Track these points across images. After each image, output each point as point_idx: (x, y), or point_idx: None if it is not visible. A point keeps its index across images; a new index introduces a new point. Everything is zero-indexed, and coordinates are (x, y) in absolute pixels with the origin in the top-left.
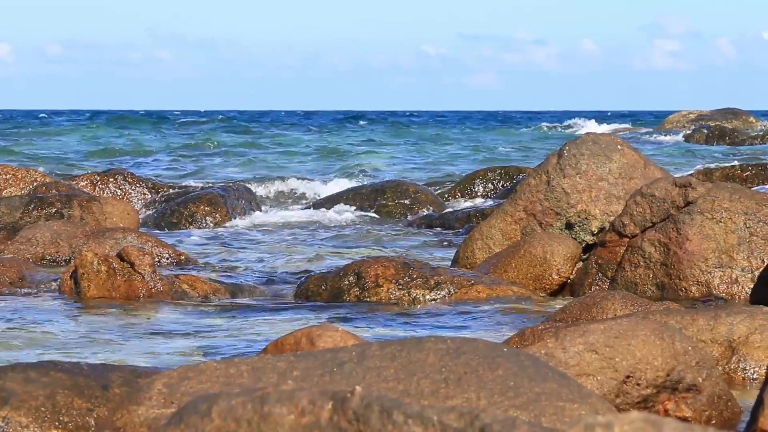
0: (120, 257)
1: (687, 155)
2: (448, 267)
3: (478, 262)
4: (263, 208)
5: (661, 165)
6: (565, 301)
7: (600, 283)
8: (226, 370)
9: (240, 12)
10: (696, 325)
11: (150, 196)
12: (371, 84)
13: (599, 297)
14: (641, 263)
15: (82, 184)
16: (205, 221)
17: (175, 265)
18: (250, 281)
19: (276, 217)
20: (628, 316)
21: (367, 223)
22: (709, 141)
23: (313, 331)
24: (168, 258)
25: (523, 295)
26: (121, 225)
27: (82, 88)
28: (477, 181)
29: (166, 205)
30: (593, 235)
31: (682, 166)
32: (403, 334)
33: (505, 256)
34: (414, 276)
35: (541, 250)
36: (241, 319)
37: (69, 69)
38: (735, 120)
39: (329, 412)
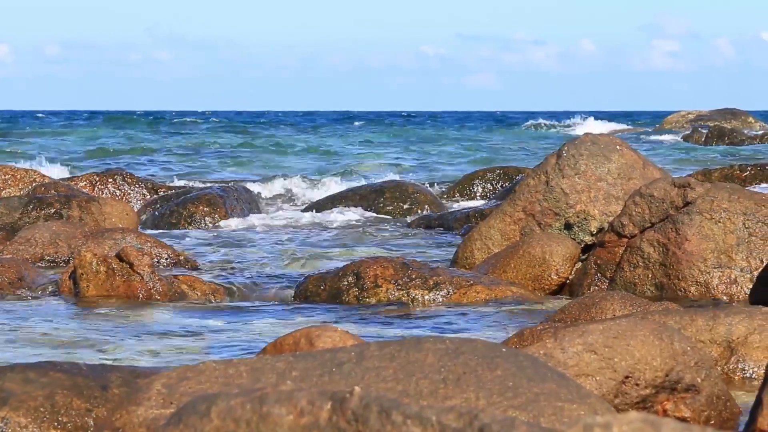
0: (119, 258)
1: (686, 155)
2: (447, 267)
3: (477, 262)
4: (262, 209)
5: (660, 165)
6: (563, 301)
7: (599, 283)
8: (225, 371)
9: (239, 12)
10: (695, 325)
11: (149, 196)
12: (370, 84)
13: (598, 297)
14: (640, 263)
15: (81, 184)
16: (204, 221)
17: (174, 266)
18: (249, 282)
19: (275, 217)
20: (627, 316)
21: (366, 224)
22: (708, 141)
23: (312, 331)
24: (167, 258)
25: (522, 295)
26: (120, 225)
27: (82, 88)
28: (476, 182)
29: (165, 206)
30: (592, 235)
31: (681, 167)
32: (401, 335)
33: (504, 256)
34: (413, 276)
35: (540, 250)
36: (239, 319)
37: (68, 69)
38: (734, 120)
39: (328, 412)
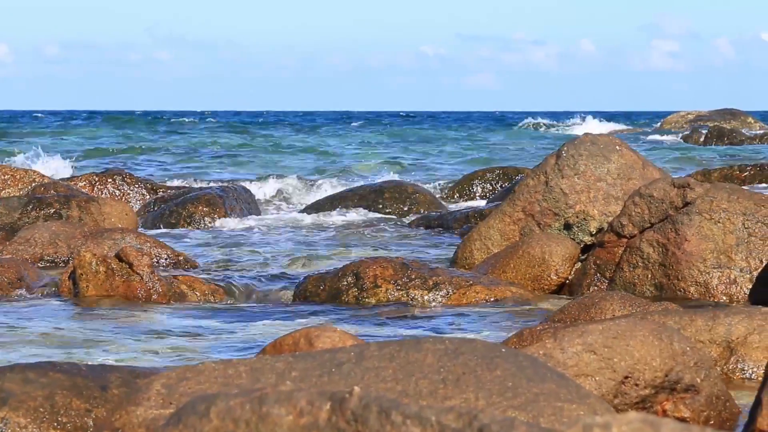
0: (118, 258)
1: (685, 156)
2: (446, 267)
3: (476, 262)
4: (261, 209)
5: (659, 165)
6: (563, 301)
7: (598, 283)
8: (225, 371)
9: (239, 12)
10: (694, 325)
11: (148, 196)
12: (370, 84)
13: (597, 297)
14: (639, 264)
15: (80, 184)
16: (204, 222)
17: (174, 266)
18: (248, 282)
19: (274, 217)
20: (627, 316)
21: (366, 224)
22: (707, 141)
23: (311, 331)
24: (166, 258)
25: (522, 295)
26: (119, 225)
27: (82, 88)
28: (475, 182)
29: (165, 206)
30: (592, 235)
31: (680, 167)
32: (401, 335)
33: (503, 256)
34: (412, 276)
35: (539, 250)
36: (239, 319)
37: (68, 69)
38: (733, 120)
39: (328, 412)
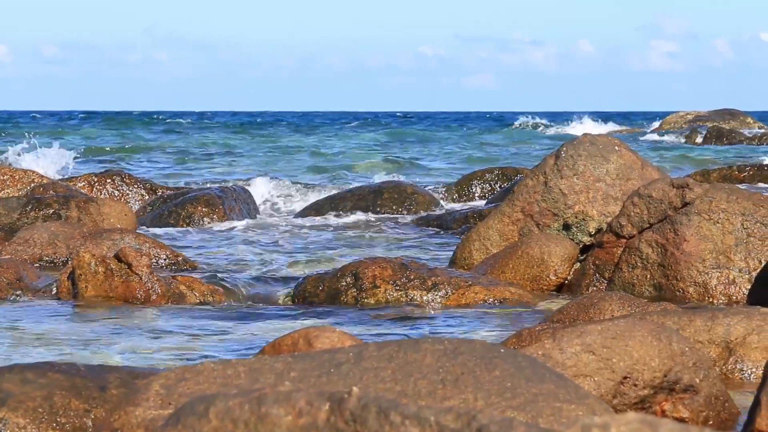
0: (117, 258)
1: (684, 156)
2: (445, 268)
3: (475, 263)
4: (260, 210)
5: (658, 166)
6: (562, 302)
7: (597, 284)
8: (224, 371)
9: (238, 13)
10: (693, 325)
11: (147, 197)
12: (368, 85)
13: (596, 298)
14: (638, 264)
15: (79, 185)
16: (203, 222)
17: (173, 266)
18: (247, 282)
19: (273, 218)
20: (626, 317)
21: (365, 224)
22: (706, 142)
23: (310, 332)
24: (165, 259)
25: (521, 296)
26: (118, 226)
27: (81, 89)
28: (474, 182)
29: (164, 206)
30: (591, 236)
31: (679, 167)
32: (400, 335)
33: (502, 257)
34: (411, 277)
35: (538, 251)
36: (238, 320)
37: (67, 70)
38: (732, 121)
39: (326, 413)
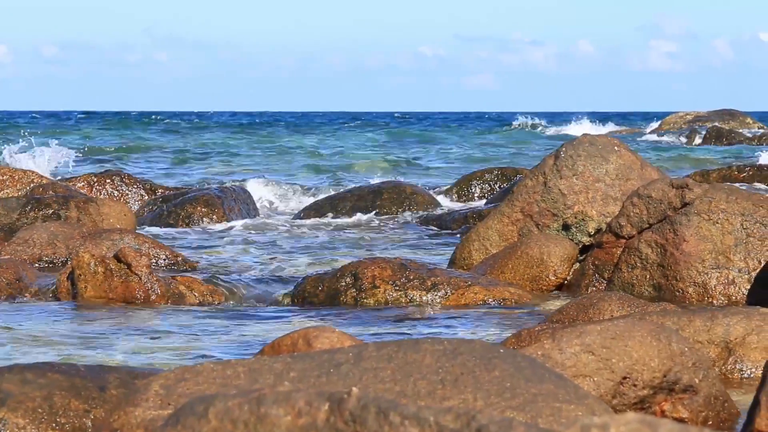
0: (117, 258)
1: (684, 156)
2: (445, 268)
3: (474, 263)
4: (260, 210)
5: (657, 166)
6: (561, 302)
7: (597, 284)
8: (223, 372)
9: (238, 13)
10: (693, 326)
11: (147, 197)
12: (368, 85)
13: (596, 298)
14: (638, 264)
15: (79, 185)
16: (202, 222)
17: (172, 267)
18: (247, 283)
19: (273, 218)
20: (625, 317)
21: (365, 225)
22: (706, 142)
23: (309, 332)
24: (165, 259)
25: (520, 296)
26: (118, 226)
27: (80, 89)
28: (474, 182)
29: (163, 206)
30: (590, 236)
31: (679, 167)
32: (399, 335)
33: (501, 257)
34: (411, 277)
35: (537, 251)
36: (237, 320)
37: (66, 70)
38: (732, 121)
39: (326, 413)
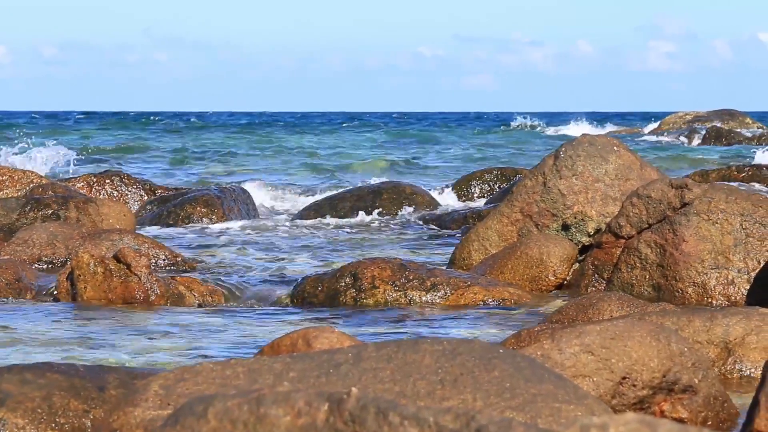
0: (116, 259)
1: (683, 156)
2: (444, 268)
3: (474, 263)
4: (259, 210)
5: (657, 166)
6: (561, 302)
7: (596, 284)
8: (223, 372)
9: (237, 13)
10: (692, 326)
11: (146, 197)
12: (367, 85)
13: (595, 298)
14: (637, 264)
15: (78, 185)
16: (202, 223)
17: (172, 267)
18: (246, 283)
19: (272, 218)
20: (625, 317)
21: (364, 225)
22: (705, 142)
23: (309, 332)
24: (164, 259)
25: (520, 296)
26: (117, 226)
27: (80, 89)
28: (473, 182)
29: (163, 207)
30: (589, 236)
31: (678, 167)
32: (399, 336)
33: (501, 257)
34: (410, 277)
35: (537, 251)
36: (237, 320)
37: (66, 70)
38: (731, 121)
39: (325, 413)
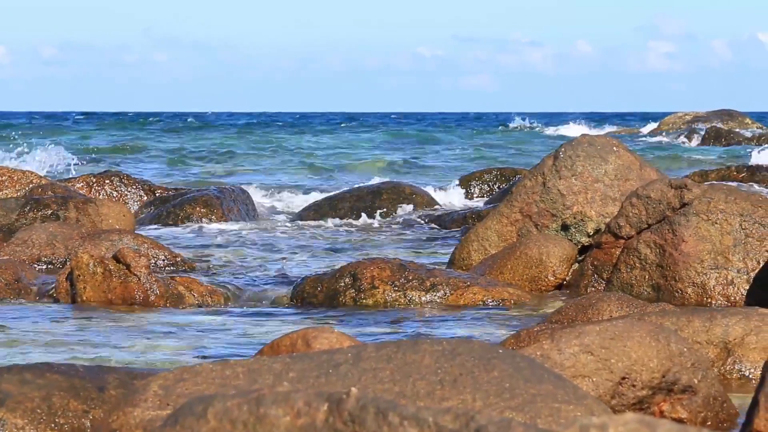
0: (116, 259)
1: (683, 156)
2: (443, 269)
3: (473, 263)
4: (259, 210)
5: (656, 166)
6: (560, 302)
7: (596, 284)
8: (222, 372)
9: (237, 14)
10: (691, 326)
11: (146, 197)
12: (366, 85)
13: (595, 298)
14: (637, 265)
15: (77, 185)
16: (201, 223)
17: (171, 267)
18: (246, 283)
19: (271, 219)
20: (624, 317)
21: (363, 225)
22: (705, 142)
23: (308, 332)
24: (164, 260)
25: (519, 296)
26: (116, 227)
27: (79, 89)
28: (473, 183)
29: (162, 207)
30: (589, 236)
31: (677, 168)
32: (398, 336)
33: (500, 257)
34: (410, 278)
35: (536, 251)
36: (236, 320)
37: (65, 71)
38: (731, 121)
39: (325, 413)
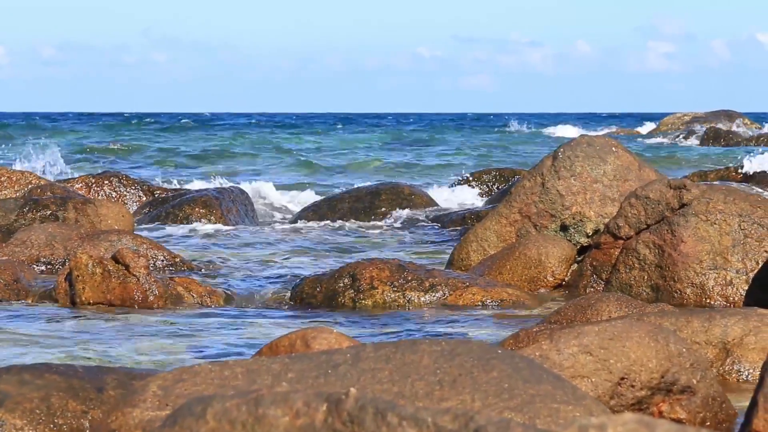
0: (115, 259)
1: (682, 157)
2: (442, 269)
3: (472, 264)
4: (258, 211)
5: (655, 167)
6: (559, 303)
7: (595, 285)
8: (221, 372)
9: (236, 14)
10: (690, 326)
11: (145, 198)
12: (366, 86)
13: (594, 299)
14: (636, 265)
15: (77, 186)
16: (200, 223)
17: (170, 268)
18: (245, 283)
19: (271, 219)
20: (623, 318)
21: (362, 225)
22: (704, 143)
23: (307, 333)
24: (163, 260)
25: (518, 297)
26: (115, 227)
27: (78, 90)
28: (472, 183)
29: (161, 207)
30: (588, 237)
31: (676, 168)
32: (397, 336)
33: (499, 258)
34: (409, 278)
35: (535, 252)
36: (236, 321)
37: (64, 71)
38: (730, 122)
39: (324, 414)
